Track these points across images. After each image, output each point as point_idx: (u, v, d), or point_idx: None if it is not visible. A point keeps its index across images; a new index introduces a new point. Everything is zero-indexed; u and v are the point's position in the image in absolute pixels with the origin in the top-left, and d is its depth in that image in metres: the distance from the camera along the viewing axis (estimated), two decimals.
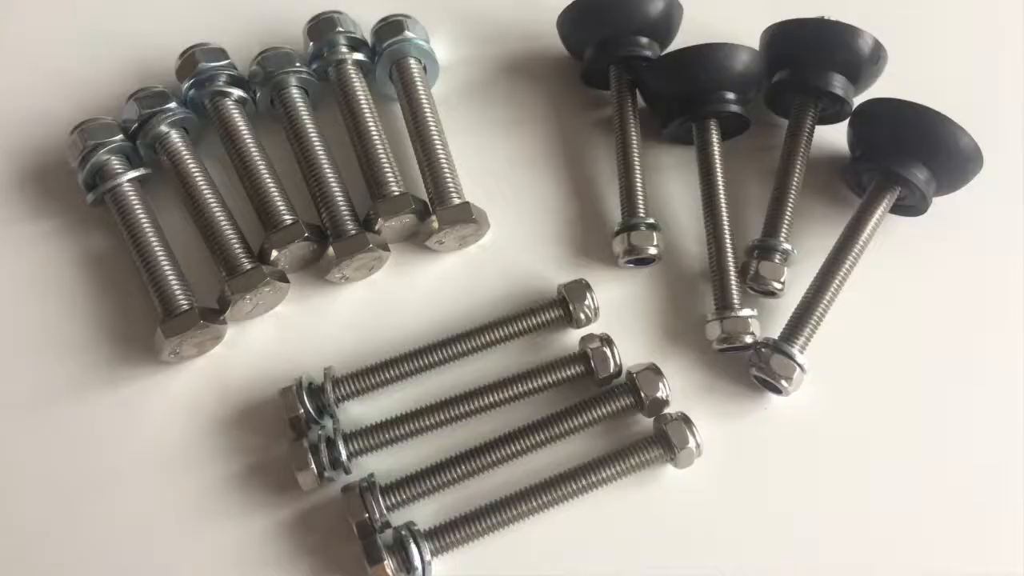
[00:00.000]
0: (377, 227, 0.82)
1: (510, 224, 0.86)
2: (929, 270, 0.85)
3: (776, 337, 0.78)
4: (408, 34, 0.87)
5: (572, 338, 0.82)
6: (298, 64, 0.86)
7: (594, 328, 0.81)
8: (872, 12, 0.89)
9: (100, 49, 0.94)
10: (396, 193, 0.83)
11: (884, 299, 0.83)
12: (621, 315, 0.83)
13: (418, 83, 0.86)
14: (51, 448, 0.78)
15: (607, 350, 0.78)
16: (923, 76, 0.89)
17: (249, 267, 0.80)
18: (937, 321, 0.83)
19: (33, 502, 0.77)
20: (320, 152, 0.84)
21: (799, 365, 0.77)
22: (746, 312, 0.79)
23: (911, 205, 0.83)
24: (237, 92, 0.86)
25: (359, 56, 0.88)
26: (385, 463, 0.77)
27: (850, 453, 0.78)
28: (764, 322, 0.81)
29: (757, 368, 0.78)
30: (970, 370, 0.81)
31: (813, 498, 0.77)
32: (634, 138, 0.85)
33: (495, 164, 0.89)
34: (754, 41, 0.87)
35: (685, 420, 0.75)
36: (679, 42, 0.88)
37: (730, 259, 0.81)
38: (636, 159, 0.85)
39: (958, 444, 0.79)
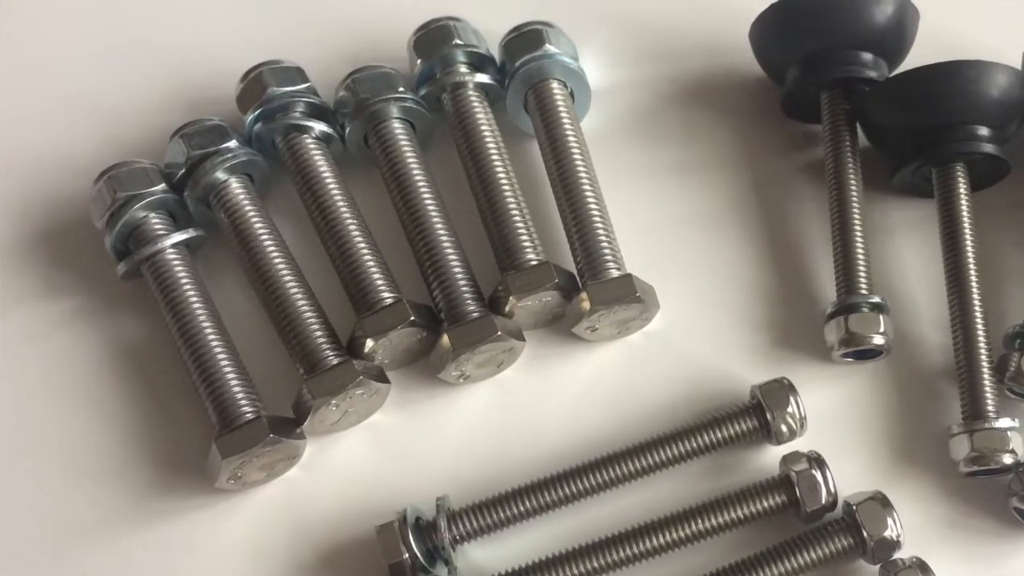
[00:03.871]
0: (508, 308, 0.77)
1: (686, 304, 0.80)
2: None
3: None
4: (549, 48, 0.81)
5: (771, 457, 0.75)
6: (401, 89, 0.82)
7: (800, 444, 0.74)
8: None
9: (136, 67, 0.90)
10: (534, 262, 0.77)
11: None
12: (836, 427, 0.77)
13: (563, 114, 0.81)
14: None
15: (817, 474, 0.72)
16: None
17: (336, 362, 0.75)
18: None
19: None
20: (431, 206, 0.79)
21: None
22: (1005, 423, 0.72)
23: None
24: (319, 127, 0.81)
25: (483, 78, 0.82)
26: None
27: None
28: None
29: (1019, 498, 0.71)
30: None
31: None
32: (854, 188, 0.78)
33: (666, 223, 0.83)
34: (1015, 59, 0.78)
35: (922, 568, 0.69)
36: (912, 59, 0.80)
37: (983, 351, 0.74)
38: (856, 217, 0.78)
39: None
